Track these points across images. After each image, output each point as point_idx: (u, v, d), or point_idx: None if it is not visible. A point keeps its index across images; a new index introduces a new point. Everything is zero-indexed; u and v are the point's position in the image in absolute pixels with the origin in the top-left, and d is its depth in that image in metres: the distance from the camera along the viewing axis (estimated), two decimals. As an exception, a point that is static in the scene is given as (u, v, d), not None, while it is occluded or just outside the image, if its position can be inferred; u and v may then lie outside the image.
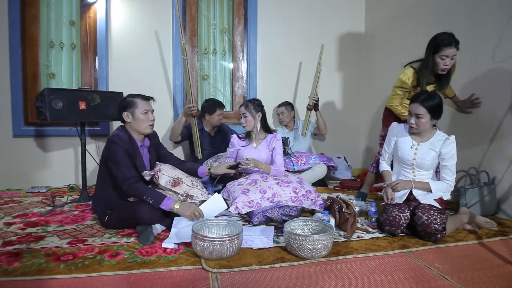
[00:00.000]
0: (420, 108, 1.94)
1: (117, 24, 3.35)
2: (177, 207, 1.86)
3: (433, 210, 1.90)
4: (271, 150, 2.54)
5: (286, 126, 3.61)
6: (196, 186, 2.16)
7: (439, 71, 2.28)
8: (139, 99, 2.08)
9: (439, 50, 2.22)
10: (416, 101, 1.97)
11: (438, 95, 2.00)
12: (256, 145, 2.56)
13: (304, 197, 2.25)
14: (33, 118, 3.18)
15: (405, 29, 3.42)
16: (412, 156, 2.06)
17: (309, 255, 1.60)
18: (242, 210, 2.13)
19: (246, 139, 2.59)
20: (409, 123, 2.03)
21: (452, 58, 2.23)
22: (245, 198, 2.16)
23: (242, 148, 2.55)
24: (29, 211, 2.39)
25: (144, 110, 2.06)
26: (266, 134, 2.60)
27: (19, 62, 3.11)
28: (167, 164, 2.20)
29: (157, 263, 1.55)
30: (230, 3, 3.76)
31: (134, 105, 2.05)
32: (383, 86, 3.77)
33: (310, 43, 3.92)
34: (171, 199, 1.89)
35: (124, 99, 2.11)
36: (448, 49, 2.19)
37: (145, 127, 2.08)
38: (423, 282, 1.43)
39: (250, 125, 2.52)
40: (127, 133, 2.06)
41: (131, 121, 2.06)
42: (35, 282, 1.37)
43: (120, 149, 1.94)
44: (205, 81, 3.78)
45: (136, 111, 2.04)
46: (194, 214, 1.87)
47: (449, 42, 2.19)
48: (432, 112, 1.95)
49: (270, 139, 2.57)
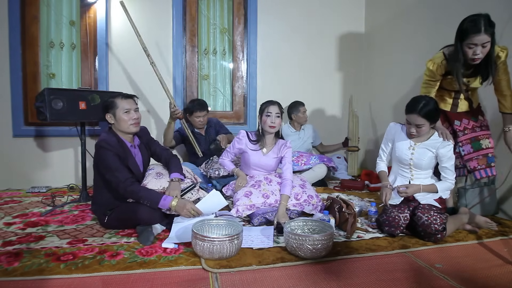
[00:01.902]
0: (419, 118, 1.92)
1: (117, 24, 3.35)
2: (174, 204, 1.86)
3: (433, 210, 1.90)
4: (280, 158, 2.39)
5: (296, 125, 3.58)
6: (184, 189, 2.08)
7: (469, 61, 1.96)
8: (119, 99, 2.02)
9: (465, 37, 1.92)
10: (413, 112, 1.93)
11: (433, 99, 1.98)
12: (267, 151, 2.41)
13: (306, 202, 2.24)
14: (33, 118, 3.18)
15: (405, 29, 3.42)
16: (409, 156, 2.06)
17: (309, 255, 1.60)
18: (243, 213, 2.12)
19: (256, 142, 2.40)
20: (409, 133, 2.02)
21: (484, 46, 1.88)
22: (247, 201, 2.15)
23: (250, 151, 2.40)
24: (29, 211, 2.39)
25: (125, 109, 2.00)
26: (277, 140, 2.44)
27: (19, 62, 3.11)
28: (155, 170, 2.11)
29: (157, 263, 1.55)
30: (230, 3, 3.76)
31: (115, 105, 2.01)
32: (383, 86, 3.78)
33: (310, 43, 3.92)
34: (168, 197, 1.88)
35: (105, 100, 2.08)
36: (476, 36, 1.87)
37: (128, 126, 2.02)
38: (423, 282, 1.43)
39: (278, 128, 2.37)
40: (114, 135, 2.02)
41: (114, 122, 2.03)
42: (35, 282, 1.37)
43: (109, 153, 1.90)
44: (205, 81, 3.78)
45: (117, 111, 2.00)
46: (190, 212, 1.86)
47: (477, 28, 1.86)
48: (431, 119, 1.94)
49: (281, 146, 2.40)
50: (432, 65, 2.13)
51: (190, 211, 1.86)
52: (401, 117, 3.14)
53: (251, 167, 2.43)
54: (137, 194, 1.87)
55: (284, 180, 2.25)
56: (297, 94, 3.74)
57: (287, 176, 2.27)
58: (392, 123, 2.24)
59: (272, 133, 2.39)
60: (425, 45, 3.12)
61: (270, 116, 2.31)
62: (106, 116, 2.04)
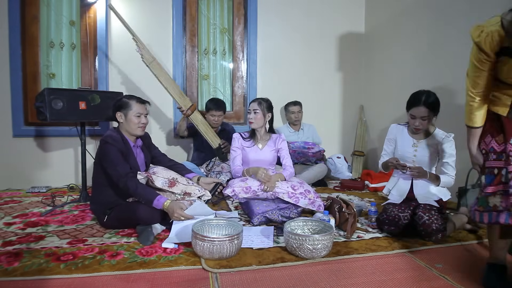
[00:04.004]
0: (424, 110, 1.98)
1: (117, 24, 3.35)
2: (166, 206, 1.86)
3: (433, 210, 1.91)
4: (277, 150, 2.52)
5: (293, 125, 3.60)
6: (192, 183, 2.17)
7: None
8: (134, 101, 2.10)
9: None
10: (418, 105, 1.98)
11: (433, 92, 2.03)
12: (262, 146, 2.53)
13: (302, 195, 2.25)
14: (33, 118, 3.18)
15: (405, 29, 3.42)
16: (412, 153, 2.12)
17: (309, 255, 1.60)
18: (239, 194, 2.19)
19: (250, 139, 2.54)
20: (414, 126, 2.06)
21: None
22: (243, 184, 2.25)
23: (246, 148, 2.51)
24: (29, 211, 2.39)
25: (137, 113, 2.08)
26: (270, 135, 2.56)
27: (19, 62, 3.11)
28: (160, 166, 2.22)
29: (157, 263, 1.55)
30: (230, 3, 3.76)
31: (129, 106, 2.08)
32: (383, 86, 3.78)
33: (310, 43, 3.92)
34: (162, 198, 1.88)
35: (119, 99, 2.13)
36: None
37: (135, 129, 2.09)
38: (423, 282, 1.43)
39: (258, 123, 2.47)
40: (119, 133, 2.09)
41: (123, 121, 2.09)
42: (35, 282, 1.37)
43: (113, 148, 1.96)
44: (205, 81, 3.78)
45: (130, 113, 2.07)
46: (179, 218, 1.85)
47: None
48: (434, 110, 2.01)
49: (276, 139, 2.54)
50: (479, 34, 1.33)
51: (179, 217, 1.85)
52: (401, 116, 3.15)
53: (250, 163, 2.49)
54: (135, 190, 1.88)
55: (285, 167, 2.45)
56: (297, 94, 3.74)
57: (287, 163, 2.46)
58: (393, 125, 2.28)
59: (256, 128, 2.50)
60: (425, 44, 3.12)
61: (250, 112, 2.47)
62: (116, 114, 2.09)
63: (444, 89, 2.81)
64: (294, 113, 3.54)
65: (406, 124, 2.21)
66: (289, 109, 3.57)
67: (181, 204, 1.89)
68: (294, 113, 3.54)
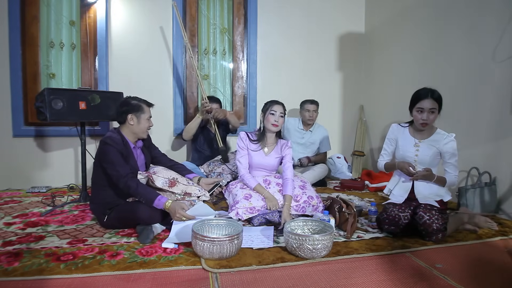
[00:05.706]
0: (433, 102, 2.01)
1: (117, 24, 3.35)
2: (167, 206, 1.86)
3: (434, 210, 1.91)
4: (281, 157, 2.42)
5: (305, 124, 3.46)
6: (192, 184, 2.17)
7: None
8: (145, 105, 2.15)
9: None
10: (426, 97, 2.01)
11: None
12: (268, 151, 2.42)
13: (306, 203, 2.23)
14: (33, 118, 3.18)
15: (405, 29, 3.42)
16: (414, 153, 2.12)
17: (309, 255, 1.60)
18: (243, 216, 2.11)
19: (257, 142, 2.41)
20: (421, 120, 2.04)
21: None
22: (247, 204, 2.14)
23: (252, 152, 2.41)
24: (29, 211, 2.39)
25: (148, 116, 2.16)
26: (277, 139, 2.46)
27: (19, 62, 3.11)
28: (161, 166, 2.23)
29: (157, 263, 1.55)
30: (230, 3, 3.76)
31: (141, 110, 2.13)
32: (383, 86, 3.78)
33: (310, 43, 3.92)
34: (163, 198, 1.88)
35: (129, 102, 2.13)
36: None
37: (144, 131, 2.16)
38: (423, 282, 1.43)
39: (280, 127, 2.38)
40: (120, 134, 2.09)
41: (134, 124, 2.10)
42: (35, 282, 1.37)
43: (113, 149, 1.97)
44: (205, 81, 3.78)
45: (142, 116, 2.13)
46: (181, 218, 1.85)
47: None
48: (440, 104, 2.04)
49: (282, 146, 2.42)
50: None
51: (181, 218, 1.84)
52: (401, 116, 3.15)
53: (253, 167, 2.43)
54: (135, 190, 1.89)
55: (285, 180, 2.26)
56: (297, 94, 3.74)
57: (288, 175, 2.28)
58: (394, 124, 2.27)
59: (273, 132, 2.41)
60: (425, 45, 3.12)
61: (274, 114, 2.33)
62: (128, 116, 2.09)
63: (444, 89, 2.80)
64: (309, 112, 3.38)
65: (407, 125, 2.20)
66: (304, 107, 3.42)
67: (183, 205, 1.89)
68: (309, 112, 3.38)
